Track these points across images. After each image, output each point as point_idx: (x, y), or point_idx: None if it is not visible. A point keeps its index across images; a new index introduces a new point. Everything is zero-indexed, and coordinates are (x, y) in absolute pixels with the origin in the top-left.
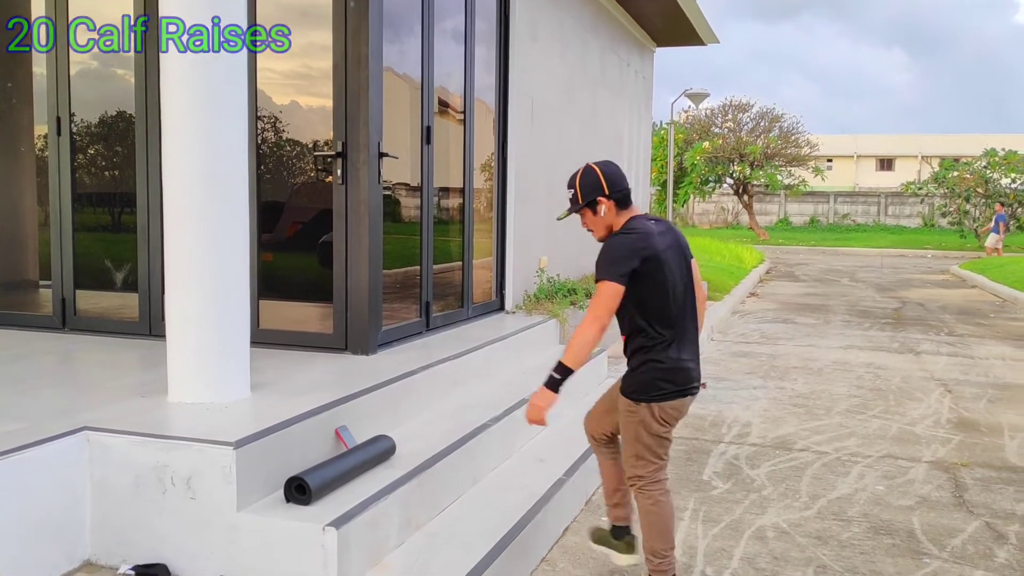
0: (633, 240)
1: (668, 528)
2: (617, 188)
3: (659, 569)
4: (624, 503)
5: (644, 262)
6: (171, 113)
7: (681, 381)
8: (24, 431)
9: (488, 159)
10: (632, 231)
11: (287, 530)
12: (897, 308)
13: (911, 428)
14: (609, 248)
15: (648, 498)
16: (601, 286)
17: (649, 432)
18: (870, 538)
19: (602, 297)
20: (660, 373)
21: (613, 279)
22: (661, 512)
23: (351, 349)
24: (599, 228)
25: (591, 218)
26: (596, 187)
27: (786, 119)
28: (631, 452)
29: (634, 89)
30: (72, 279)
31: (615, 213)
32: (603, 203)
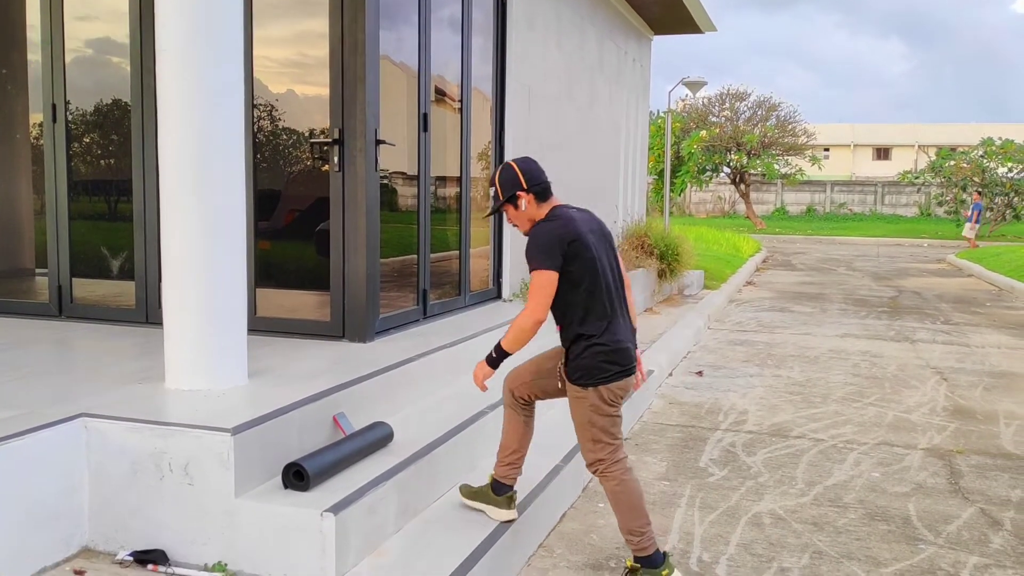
0: (556, 226)
1: (639, 505)
2: (535, 181)
3: (640, 547)
4: (518, 464)
5: (571, 245)
6: (167, 99)
7: (623, 361)
8: (21, 417)
9: (485, 148)
10: (555, 218)
11: (285, 516)
12: (893, 297)
13: (907, 416)
14: (535, 237)
15: (612, 479)
16: (536, 276)
17: (601, 414)
18: (866, 524)
19: (538, 286)
20: (604, 356)
21: (545, 267)
22: (628, 491)
23: (348, 337)
24: (522, 222)
25: (513, 213)
26: (514, 182)
27: (783, 108)
28: (587, 437)
29: (632, 78)
30: (68, 266)
31: (536, 206)
32: (523, 197)
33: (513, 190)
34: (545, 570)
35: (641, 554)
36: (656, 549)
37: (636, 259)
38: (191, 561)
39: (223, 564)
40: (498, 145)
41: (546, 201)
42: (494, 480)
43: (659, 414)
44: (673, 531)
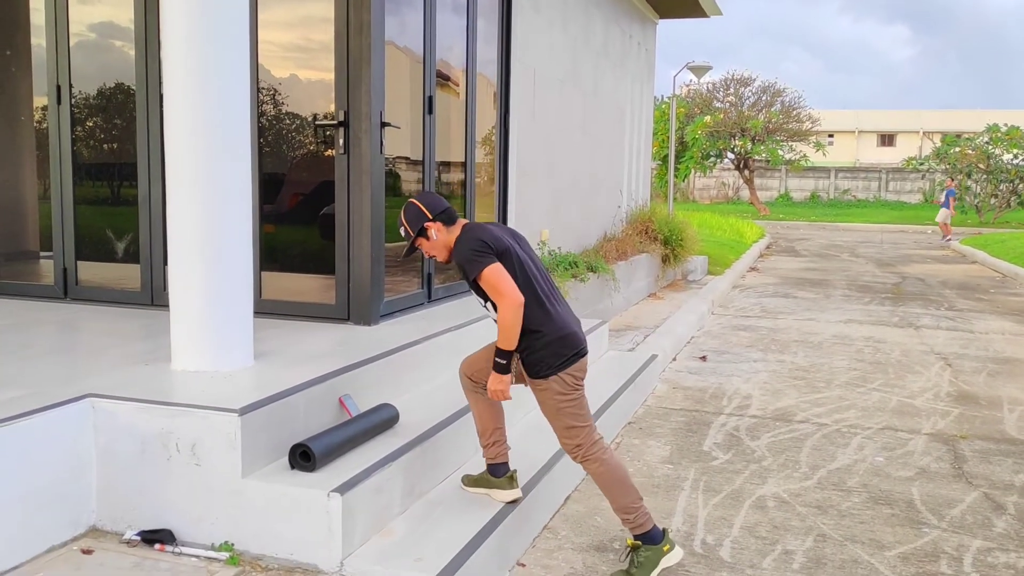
0: (475, 234)
1: (626, 481)
2: (438, 209)
3: (637, 523)
4: (501, 440)
5: (495, 244)
6: (172, 83)
7: (573, 344)
8: (28, 398)
9: (489, 133)
10: (469, 230)
11: (292, 496)
12: (897, 283)
13: (911, 401)
14: (460, 248)
15: (595, 461)
16: (484, 275)
17: (567, 400)
18: (869, 508)
19: (493, 280)
20: (555, 345)
21: (486, 262)
22: (613, 470)
23: (353, 319)
24: (439, 250)
25: (428, 244)
26: (419, 216)
27: (788, 94)
28: (561, 426)
29: (636, 61)
30: (73, 249)
31: (446, 232)
32: (431, 227)
33: (420, 222)
34: (550, 551)
35: (639, 531)
36: (653, 525)
37: (640, 244)
38: (198, 541)
39: (230, 544)
40: (502, 130)
41: (454, 224)
42: (489, 464)
43: (663, 399)
44: (677, 514)
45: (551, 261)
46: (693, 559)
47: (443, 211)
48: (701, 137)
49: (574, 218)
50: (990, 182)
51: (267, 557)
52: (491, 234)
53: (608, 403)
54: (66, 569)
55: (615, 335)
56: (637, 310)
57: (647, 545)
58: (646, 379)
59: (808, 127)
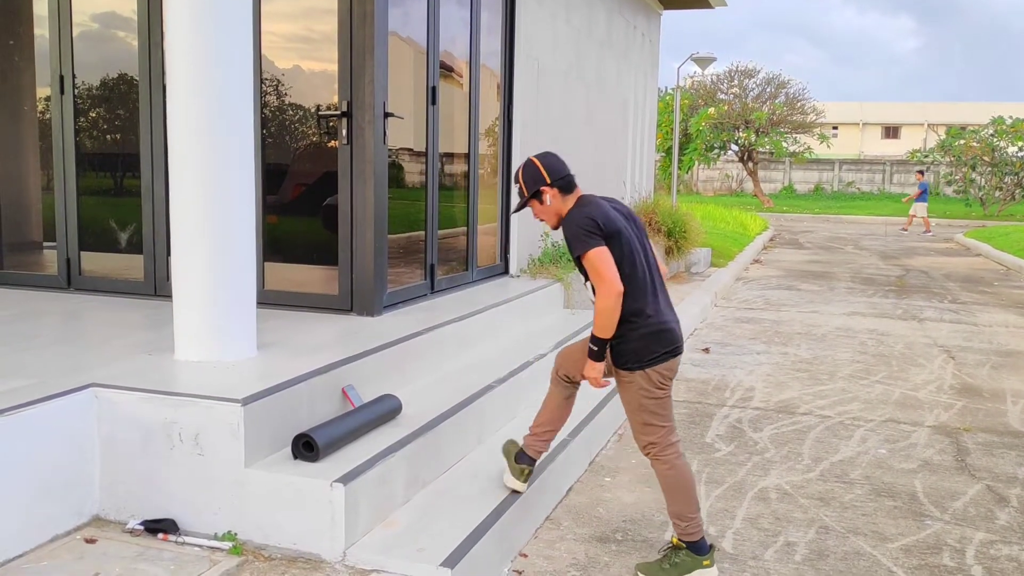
0: (588, 210)
1: (689, 491)
2: (558, 175)
3: (687, 532)
4: (547, 440)
5: (605, 226)
6: (176, 73)
7: (668, 341)
8: (32, 387)
9: (492, 124)
10: (584, 205)
11: (295, 486)
12: (901, 275)
13: (914, 393)
14: (570, 224)
15: (664, 463)
16: (587, 257)
17: (649, 397)
18: (872, 500)
19: (596, 264)
20: (649, 338)
21: (593, 245)
22: (680, 476)
23: (356, 310)
24: (549, 216)
25: (539, 208)
26: (537, 178)
27: (792, 85)
28: (639, 421)
29: (640, 53)
30: (77, 239)
31: (561, 199)
32: (547, 192)
33: (537, 186)
34: (552, 542)
35: (687, 539)
36: (703, 537)
37: None
38: (201, 530)
39: (233, 533)
40: (506, 121)
41: (571, 193)
42: (521, 448)
43: None
44: None
45: (554, 253)
46: None
47: (562, 178)
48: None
49: None
50: (995, 175)
51: (270, 547)
52: (604, 214)
53: (612, 394)
54: (70, 558)
55: None
56: None
57: (689, 552)
58: None
59: (812, 119)
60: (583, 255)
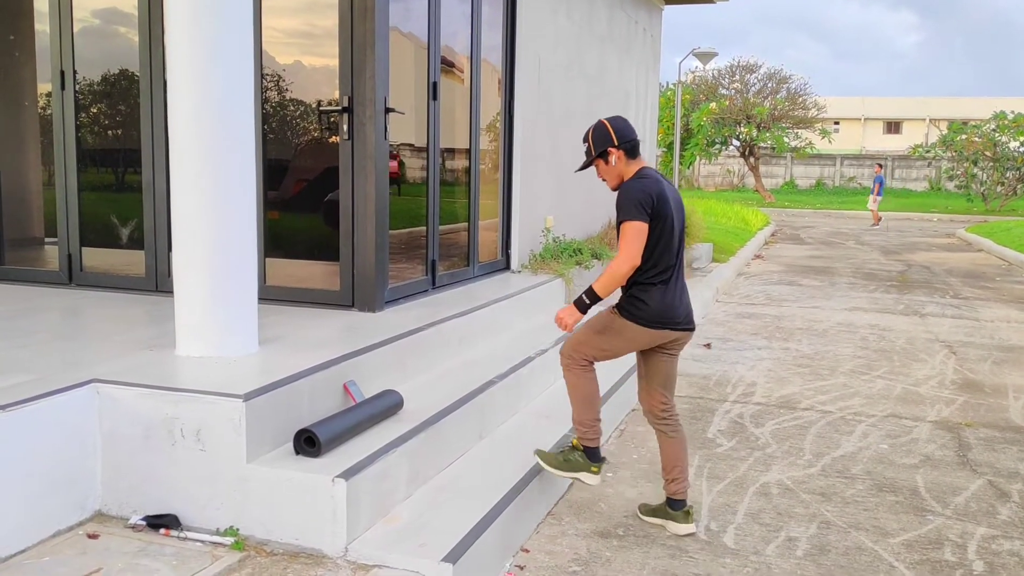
0: (647, 185)
1: (594, 401)
2: (626, 139)
3: (585, 437)
4: (681, 479)
5: (657, 204)
6: (176, 69)
7: (669, 316)
8: (34, 383)
9: (493, 119)
10: (645, 177)
11: (297, 481)
12: (902, 271)
13: (915, 388)
14: (628, 192)
15: (572, 374)
16: (627, 226)
17: (610, 337)
18: (873, 495)
19: (630, 235)
20: (655, 304)
21: (637, 218)
22: (587, 387)
23: (358, 306)
24: (612, 177)
25: (603, 168)
26: (606, 139)
27: (794, 81)
28: (581, 338)
29: (642, 47)
30: (78, 235)
31: (625, 163)
32: (613, 153)
33: (605, 146)
34: (553, 537)
35: (585, 443)
36: (599, 447)
37: None
38: (203, 526)
39: (235, 529)
40: (507, 117)
41: (634, 159)
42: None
43: None
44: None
45: (555, 248)
46: (697, 545)
47: (629, 141)
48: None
49: (578, 206)
50: (996, 169)
51: (272, 542)
52: (660, 195)
53: (613, 389)
54: (72, 553)
55: None
56: None
57: (584, 455)
58: None
59: (814, 114)
60: (625, 222)
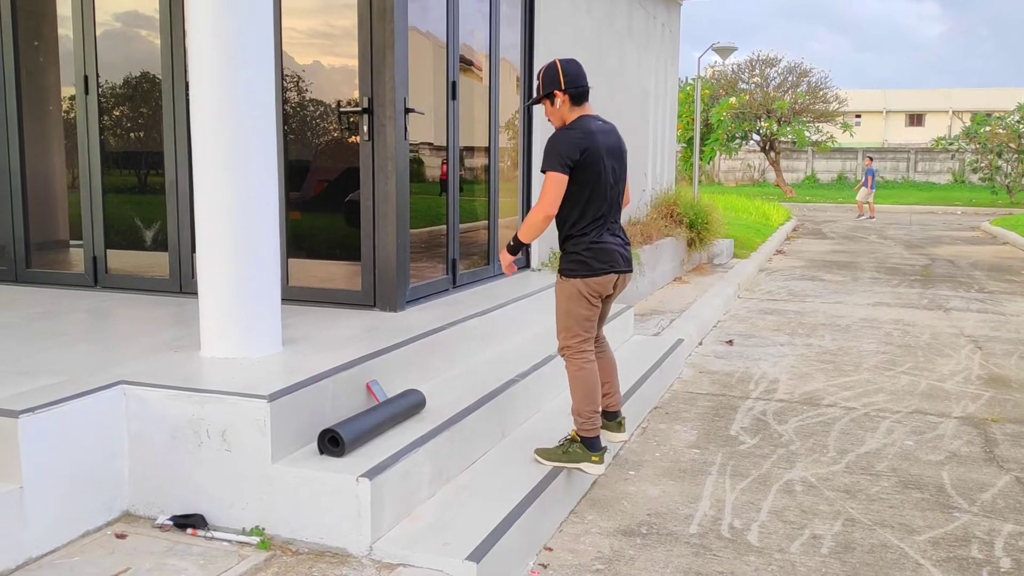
0: (575, 136)
1: (593, 392)
2: (573, 84)
3: (584, 428)
4: (612, 392)
5: (583, 154)
6: (199, 72)
7: (606, 259)
8: (62, 385)
9: (512, 117)
10: (576, 128)
11: (321, 481)
12: (926, 265)
13: (940, 384)
14: (554, 142)
15: (575, 365)
16: (547, 176)
17: (578, 305)
18: (899, 492)
19: (548, 186)
20: (589, 253)
21: (557, 169)
22: (586, 377)
23: (379, 306)
24: (556, 118)
25: (549, 109)
26: (554, 80)
27: (814, 74)
28: (563, 324)
29: (660, 43)
30: (103, 238)
31: (569, 107)
32: (559, 96)
33: (551, 88)
34: (577, 535)
35: (583, 434)
36: (597, 436)
37: (665, 228)
38: (229, 525)
39: (260, 528)
40: (526, 115)
41: (580, 106)
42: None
43: (689, 383)
44: (704, 498)
45: None
46: (721, 543)
47: (577, 88)
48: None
49: None
50: (1021, 161)
51: (297, 541)
52: (588, 147)
53: (634, 387)
54: (101, 553)
55: (641, 319)
56: (662, 294)
57: (584, 447)
58: (672, 364)
59: (835, 108)
60: (547, 170)
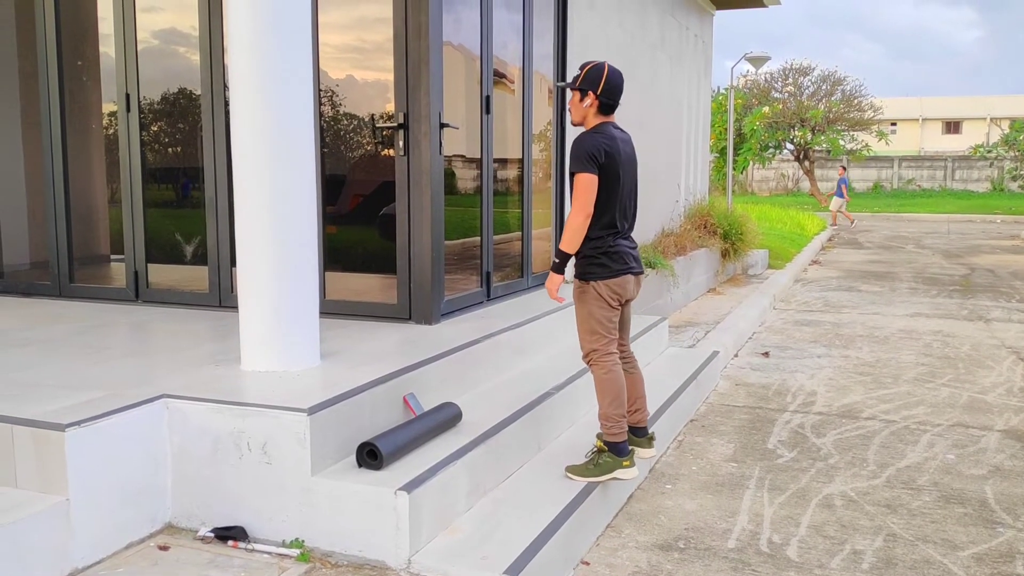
0: (600, 139)
1: (620, 395)
2: (608, 95)
3: (611, 433)
4: (642, 408)
5: (607, 158)
6: (239, 89)
7: (622, 261)
8: (107, 399)
9: (544, 128)
10: (601, 133)
11: (360, 494)
12: (965, 275)
13: (982, 396)
14: (581, 145)
15: (601, 368)
16: (579, 178)
17: (599, 307)
18: (941, 507)
19: (581, 187)
20: (606, 257)
21: (588, 171)
22: (613, 380)
23: (415, 319)
24: (576, 113)
25: (575, 102)
26: (595, 82)
27: (848, 82)
28: (585, 329)
29: (693, 54)
30: (144, 252)
31: (595, 112)
32: (590, 97)
33: (588, 87)
34: (614, 549)
35: (610, 439)
36: (625, 440)
37: (698, 239)
38: (270, 538)
39: (300, 540)
40: (559, 127)
41: (605, 116)
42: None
43: (725, 395)
44: (742, 513)
45: None
46: (760, 558)
47: (610, 100)
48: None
49: None
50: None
51: (336, 554)
52: (614, 150)
53: (670, 400)
54: (145, 564)
55: (675, 331)
56: (697, 306)
57: (612, 454)
58: (708, 376)
59: (870, 116)
60: (577, 173)
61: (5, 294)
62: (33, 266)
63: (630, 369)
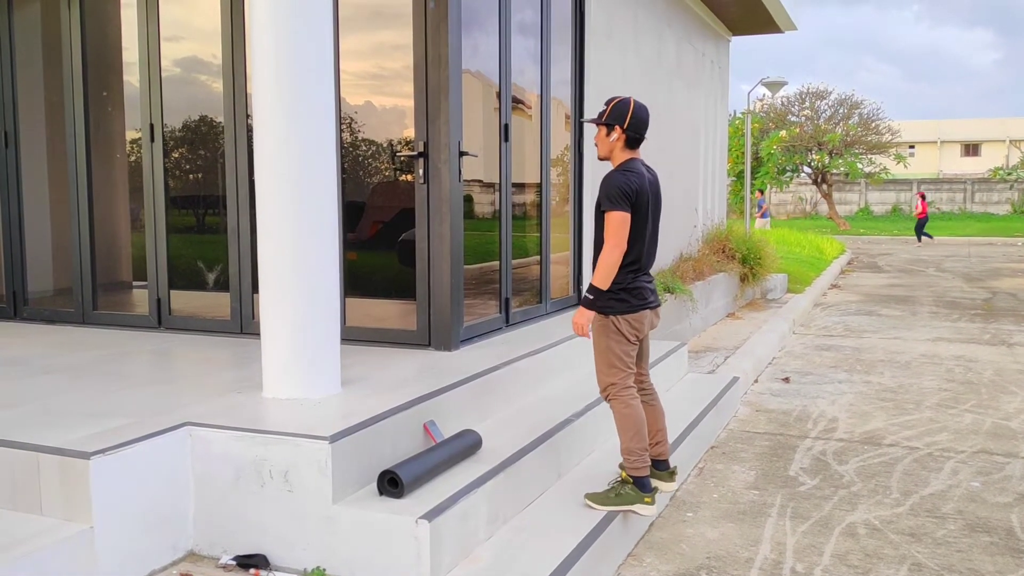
0: (631, 178)
1: (641, 430)
2: (635, 129)
3: (634, 467)
4: (663, 441)
5: (637, 197)
6: (262, 117)
7: (642, 297)
8: (130, 427)
9: (561, 153)
10: (630, 171)
11: (381, 522)
12: (987, 299)
13: (1006, 423)
14: (612, 183)
15: (621, 403)
16: (612, 215)
17: (618, 342)
18: (967, 536)
19: (615, 225)
20: (626, 293)
21: (621, 209)
22: (633, 414)
23: (434, 345)
24: (603, 148)
25: (601, 136)
26: (621, 117)
27: (866, 105)
28: (603, 363)
29: (710, 80)
30: (167, 280)
31: (621, 147)
32: (617, 131)
33: (615, 121)
34: None
35: (634, 474)
36: (648, 476)
37: (717, 263)
38: (291, 565)
39: (322, 569)
40: (577, 153)
41: (632, 150)
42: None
43: (746, 422)
44: (764, 541)
45: None
46: None
47: (637, 134)
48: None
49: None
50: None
51: None
52: (642, 188)
53: (690, 427)
54: None
55: (694, 357)
56: (716, 331)
57: (636, 488)
58: (728, 402)
59: (888, 139)
60: (610, 211)
61: (29, 321)
62: (57, 293)
63: (650, 401)
